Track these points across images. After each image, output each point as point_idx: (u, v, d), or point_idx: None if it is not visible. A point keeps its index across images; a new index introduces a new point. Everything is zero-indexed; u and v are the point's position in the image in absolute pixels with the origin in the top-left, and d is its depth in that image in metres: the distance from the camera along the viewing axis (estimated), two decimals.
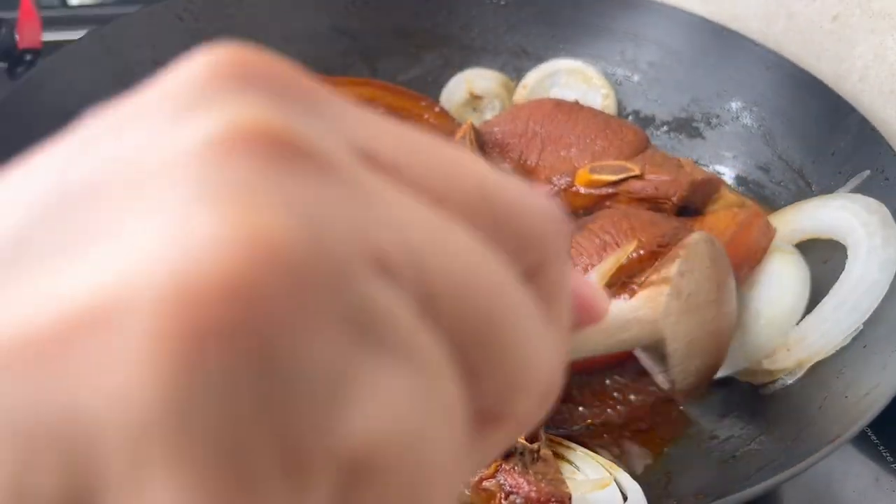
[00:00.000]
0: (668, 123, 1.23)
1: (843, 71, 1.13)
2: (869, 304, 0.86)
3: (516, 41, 1.33)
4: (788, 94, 1.10)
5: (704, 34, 1.20)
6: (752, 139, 1.14)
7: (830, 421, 0.79)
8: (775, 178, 1.10)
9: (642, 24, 1.26)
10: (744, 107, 1.15)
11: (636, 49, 1.26)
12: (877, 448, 0.89)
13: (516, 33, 1.33)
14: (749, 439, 0.85)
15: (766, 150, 1.12)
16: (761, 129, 1.13)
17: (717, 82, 1.18)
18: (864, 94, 1.11)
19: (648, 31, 1.25)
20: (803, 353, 0.87)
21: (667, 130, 1.23)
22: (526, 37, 1.32)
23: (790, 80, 1.11)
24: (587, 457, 0.78)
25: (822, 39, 1.14)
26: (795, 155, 1.08)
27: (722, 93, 1.18)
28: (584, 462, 0.77)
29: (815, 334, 0.88)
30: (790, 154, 1.08)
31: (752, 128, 1.14)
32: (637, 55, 1.26)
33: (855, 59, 1.12)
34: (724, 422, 0.89)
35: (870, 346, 0.85)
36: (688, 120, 1.21)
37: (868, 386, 0.78)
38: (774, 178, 1.10)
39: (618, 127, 1.12)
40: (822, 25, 1.14)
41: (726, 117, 1.17)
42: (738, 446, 0.85)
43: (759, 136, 1.13)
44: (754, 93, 1.14)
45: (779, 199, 1.08)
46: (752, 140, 1.14)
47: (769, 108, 1.12)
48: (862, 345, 0.86)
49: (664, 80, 1.24)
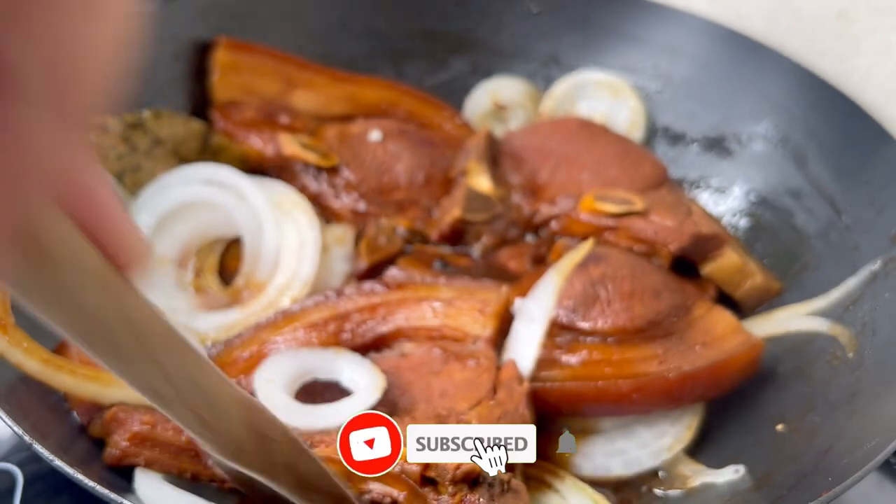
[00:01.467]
0: (699, 141, 1.19)
1: (847, 69, 1.09)
2: None
3: (547, 49, 1.29)
4: (824, 117, 1.05)
5: (740, 49, 1.15)
6: (784, 162, 1.09)
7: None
8: (805, 204, 1.05)
9: (678, 36, 1.21)
10: (776, 127, 1.10)
11: (671, 63, 1.22)
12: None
13: (548, 41, 1.30)
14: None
15: (796, 175, 1.07)
16: (794, 151, 1.08)
17: (750, 100, 1.13)
18: (868, 92, 1.07)
19: (684, 44, 1.21)
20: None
21: (697, 148, 1.19)
22: (558, 45, 1.29)
23: (827, 102, 1.06)
24: (574, 487, 0.75)
25: (826, 37, 1.10)
26: (827, 181, 1.03)
27: (755, 111, 1.13)
28: (571, 492, 0.74)
29: None
30: (822, 180, 1.03)
31: (784, 150, 1.09)
32: (672, 69, 1.22)
33: (859, 56, 1.07)
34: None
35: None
36: (718, 139, 1.17)
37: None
38: (804, 205, 1.05)
39: (637, 157, 1.08)
40: (826, 23, 1.10)
41: (758, 137, 1.12)
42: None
43: (791, 160, 1.08)
44: (788, 113, 1.09)
45: (808, 228, 1.03)
46: (784, 163, 1.09)
47: (803, 131, 1.07)
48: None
49: (697, 96, 1.20)
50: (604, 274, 0.91)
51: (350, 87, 1.19)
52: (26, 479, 0.82)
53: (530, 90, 1.29)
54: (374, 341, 0.84)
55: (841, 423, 0.81)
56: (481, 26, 1.30)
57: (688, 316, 0.92)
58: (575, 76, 1.25)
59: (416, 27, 1.29)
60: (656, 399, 0.84)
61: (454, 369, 0.80)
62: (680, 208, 1.00)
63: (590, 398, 0.83)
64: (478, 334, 0.83)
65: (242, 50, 1.13)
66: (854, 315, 0.91)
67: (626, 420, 0.87)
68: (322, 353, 0.80)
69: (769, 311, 0.99)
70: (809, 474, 0.76)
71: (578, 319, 0.88)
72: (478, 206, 0.99)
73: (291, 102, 1.14)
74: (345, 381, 0.79)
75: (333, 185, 1.04)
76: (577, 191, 1.04)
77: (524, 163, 1.08)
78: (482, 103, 1.28)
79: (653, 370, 0.84)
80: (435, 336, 0.84)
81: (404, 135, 1.11)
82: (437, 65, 1.29)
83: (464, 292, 0.86)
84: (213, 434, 0.50)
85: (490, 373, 0.78)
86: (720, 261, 0.99)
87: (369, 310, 0.85)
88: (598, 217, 1.00)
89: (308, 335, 0.83)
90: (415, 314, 0.85)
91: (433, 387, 0.79)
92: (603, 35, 1.27)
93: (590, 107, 1.24)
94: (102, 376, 0.74)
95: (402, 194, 1.06)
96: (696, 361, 0.86)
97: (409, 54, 1.27)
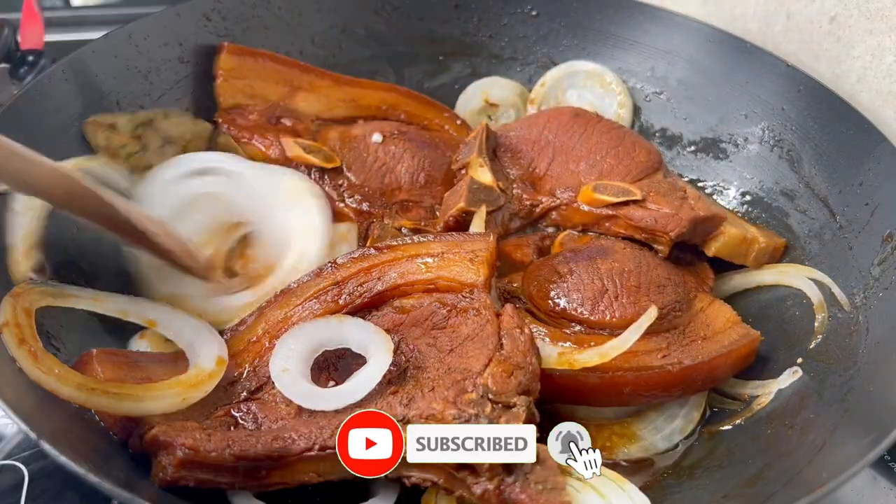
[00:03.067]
0: (696, 143, 1.20)
1: (842, 71, 1.11)
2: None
3: (546, 52, 1.31)
4: (819, 119, 1.07)
5: (735, 52, 1.16)
6: (779, 163, 1.10)
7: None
8: (800, 206, 1.06)
9: (674, 40, 1.23)
10: (771, 129, 1.12)
11: (667, 66, 1.23)
12: None
13: (546, 44, 1.31)
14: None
15: (792, 176, 1.08)
16: (789, 153, 1.09)
17: (746, 103, 1.15)
18: (863, 95, 1.08)
19: (680, 47, 1.22)
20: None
21: (693, 150, 1.20)
22: (556, 48, 1.30)
23: (823, 104, 1.07)
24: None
25: (821, 40, 1.12)
26: (822, 183, 1.04)
27: (751, 114, 1.14)
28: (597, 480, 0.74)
29: None
30: (817, 181, 1.05)
31: (780, 152, 1.10)
32: (668, 72, 1.23)
33: (853, 59, 1.09)
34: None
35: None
36: (715, 140, 1.18)
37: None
38: (799, 206, 1.06)
39: (631, 145, 1.09)
40: (821, 26, 1.11)
41: (754, 139, 1.14)
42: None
43: (786, 161, 1.09)
44: (784, 116, 1.11)
45: (802, 228, 1.05)
46: (779, 165, 1.10)
47: (798, 133, 1.09)
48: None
49: (694, 98, 1.21)
50: (611, 268, 0.93)
51: (351, 90, 1.21)
52: (32, 476, 0.83)
53: (521, 90, 1.30)
54: (373, 300, 0.85)
55: (835, 420, 0.82)
56: (480, 30, 1.31)
57: (690, 310, 0.94)
58: (566, 65, 1.27)
59: (417, 31, 1.30)
60: (659, 391, 0.87)
61: (457, 322, 0.82)
62: (675, 193, 1.01)
63: (595, 389, 0.85)
64: (472, 281, 0.84)
65: (245, 54, 1.14)
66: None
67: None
68: (326, 324, 0.81)
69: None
70: (804, 470, 0.77)
71: (587, 312, 0.90)
72: (481, 198, 1.01)
73: (294, 105, 1.16)
74: (355, 347, 0.80)
75: (337, 187, 1.06)
76: (575, 181, 1.05)
77: (522, 155, 1.10)
78: (473, 101, 1.30)
79: (657, 363, 0.86)
80: (430, 289, 0.85)
81: (404, 137, 1.13)
82: (437, 68, 1.30)
83: (453, 245, 0.87)
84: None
85: (492, 323, 0.80)
86: (722, 238, 1.01)
87: (364, 272, 0.86)
88: (597, 206, 1.01)
89: (309, 306, 0.85)
90: (409, 269, 0.86)
91: (441, 342, 0.80)
92: (600, 38, 1.28)
93: (579, 96, 1.26)
94: (135, 392, 0.75)
95: (405, 195, 1.07)
96: (697, 355, 0.88)
97: (410, 58, 1.29)
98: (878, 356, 0.85)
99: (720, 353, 0.89)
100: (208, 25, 1.14)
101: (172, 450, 0.71)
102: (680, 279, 0.97)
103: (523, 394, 0.74)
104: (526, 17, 1.31)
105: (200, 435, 0.72)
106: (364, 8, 1.27)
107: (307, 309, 0.85)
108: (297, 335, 0.80)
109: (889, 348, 0.84)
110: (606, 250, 0.96)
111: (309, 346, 0.79)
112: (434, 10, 1.30)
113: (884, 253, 0.92)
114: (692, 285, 0.98)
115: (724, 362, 0.89)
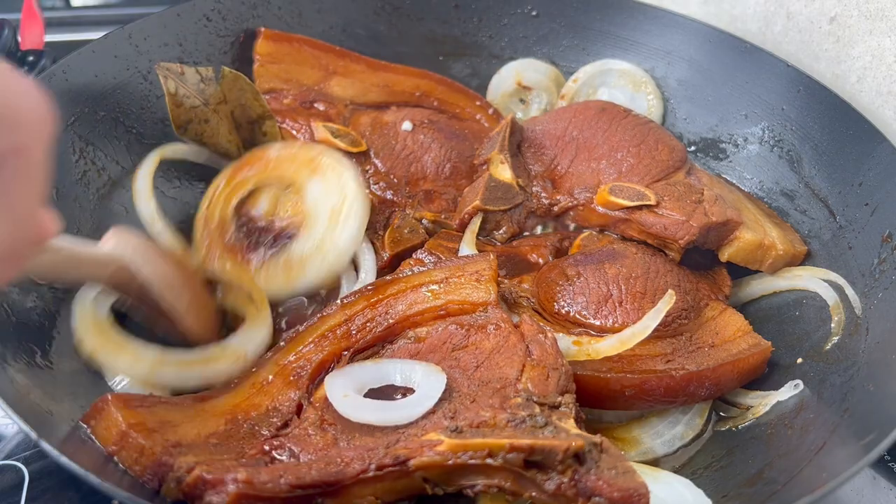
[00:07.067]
0: (696, 143, 1.20)
1: (842, 72, 1.11)
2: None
3: (546, 52, 1.31)
4: (819, 119, 1.07)
5: (735, 52, 1.16)
6: (779, 164, 1.10)
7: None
8: (800, 206, 1.06)
9: (674, 40, 1.23)
10: (771, 129, 1.12)
11: (667, 66, 1.23)
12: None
13: (546, 44, 1.31)
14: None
15: (792, 177, 1.08)
16: (789, 153, 1.09)
17: (746, 103, 1.15)
18: (863, 95, 1.08)
19: (680, 47, 1.22)
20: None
21: (693, 150, 1.20)
22: (556, 48, 1.30)
23: (822, 104, 1.07)
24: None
25: (821, 40, 1.12)
26: (822, 183, 1.04)
27: (751, 114, 1.14)
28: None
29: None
30: (817, 182, 1.05)
31: (780, 152, 1.10)
32: (668, 72, 1.23)
33: (853, 59, 1.09)
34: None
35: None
36: (715, 140, 1.18)
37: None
38: (799, 207, 1.06)
39: (654, 143, 1.08)
40: (821, 26, 1.12)
41: (753, 140, 1.14)
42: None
43: (786, 161, 1.09)
44: (784, 116, 1.11)
45: (802, 229, 1.05)
46: (779, 165, 1.10)
47: (798, 133, 1.09)
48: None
49: (694, 98, 1.21)
50: (618, 273, 0.92)
51: (386, 75, 1.22)
52: (33, 476, 0.83)
53: (555, 74, 1.30)
54: (384, 334, 0.85)
55: (835, 420, 0.82)
56: (480, 30, 1.32)
57: (699, 317, 0.93)
58: (601, 63, 1.27)
59: (417, 31, 1.30)
60: (661, 396, 0.86)
61: (479, 339, 0.81)
62: (690, 197, 1.00)
63: (596, 391, 0.84)
64: (484, 300, 0.84)
65: (282, 39, 1.17)
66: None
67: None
68: (365, 367, 0.80)
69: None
70: (804, 470, 0.77)
71: (590, 316, 0.90)
72: (498, 196, 1.01)
73: (329, 90, 1.18)
74: (398, 382, 0.78)
75: (364, 172, 1.07)
76: (595, 181, 1.05)
77: (545, 151, 1.10)
78: (506, 83, 1.30)
79: (659, 368, 0.85)
80: (441, 315, 0.85)
81: (434, 126, 1.14)
82: (436, 68, 1.30)
83: (455, 269, 0.87)
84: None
85: (514, 333, 0.80)
86: (737, 243, 0.99)
87: (370, 307, 0.86)
88: (612, 209, 1.01)
89: (321, 346, 0.84)
90: (415, 299, 0.86)
91: (464, 361, 0.80)
92: (600, 38, 1.28)
93: (610, 95, 1.25)
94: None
95: (429, 185, 1.08)
96: (702, 362, 0.87)
97: (410, 58, 1.29)
98: (878, 356, 0.85)
99: (726, 360, 0.87)
100: (208, 25, 1.14)
101: (222, 486, 0.67)
102: (692, 286, 0.96)
103: (564, 393, 0.74)
104: (526, 17, 1.31)
105: (250, 469, 0.69)
106: (364, 8, 1.27)
107: (319, 346, 0.84)
108: (343, 374, 0.79)
109: (889, 348, 0.84)
110: (616, 255, 0.96)
111: (357, 383, 0.78)
112: (434, 10, 1.30)
113: (884, 253, 0.92)
114: (705, 293, 0.97)
115: (729, 371, 0.88)
